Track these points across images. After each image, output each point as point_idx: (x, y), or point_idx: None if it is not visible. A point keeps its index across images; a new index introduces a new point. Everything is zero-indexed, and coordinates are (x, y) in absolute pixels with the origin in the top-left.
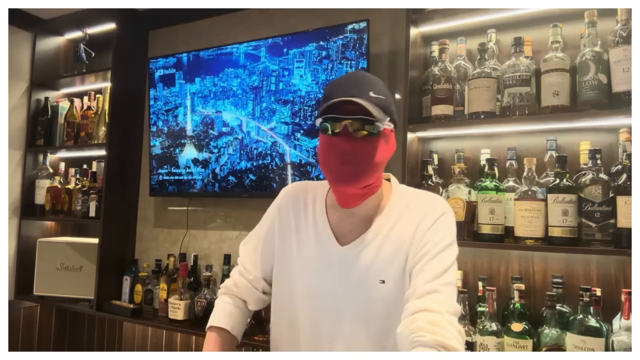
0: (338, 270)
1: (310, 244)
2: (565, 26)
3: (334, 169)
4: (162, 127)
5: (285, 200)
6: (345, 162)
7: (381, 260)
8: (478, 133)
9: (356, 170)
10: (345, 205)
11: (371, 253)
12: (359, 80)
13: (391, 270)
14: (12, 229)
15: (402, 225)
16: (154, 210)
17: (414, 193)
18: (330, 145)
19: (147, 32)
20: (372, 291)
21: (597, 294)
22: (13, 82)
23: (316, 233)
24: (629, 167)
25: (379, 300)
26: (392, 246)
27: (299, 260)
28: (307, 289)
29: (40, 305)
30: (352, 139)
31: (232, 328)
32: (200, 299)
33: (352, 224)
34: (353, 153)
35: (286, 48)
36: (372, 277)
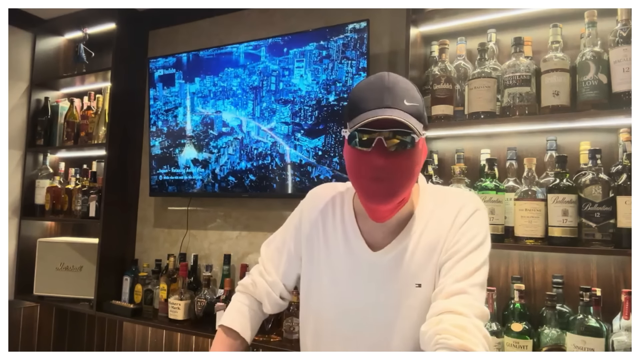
0: (371, 278)
1: (339, 250)
2: (565, 26)
3: (366, 186)
4: (161, 127)
5: (311, 203)
6: (379, 179)
7: (416, 264)
8: (478, 133)
9: (390, 187)
10: (378, 220)
11: (404, 257)
12: (392, 88)
13: (427, 273)
14: (12, 229)
15: (434, 225)
16: (154, 210)
17: (444, 191)
18: (362, 160)
19: (147, 32)
20: (410, 296)
21: (597, 294)
22: (13, 82)
23: (346, 240)
24: (629, 167)
25: (417, 305)
26: (425, 248)
27: (329, 269)
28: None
29: (40, 305)
30: (386, 154)
31: (242, 330)
32: (200, 299)
33: (384, 232)
34: (387, 170)
35: (286, 48)
36: (408, 281)
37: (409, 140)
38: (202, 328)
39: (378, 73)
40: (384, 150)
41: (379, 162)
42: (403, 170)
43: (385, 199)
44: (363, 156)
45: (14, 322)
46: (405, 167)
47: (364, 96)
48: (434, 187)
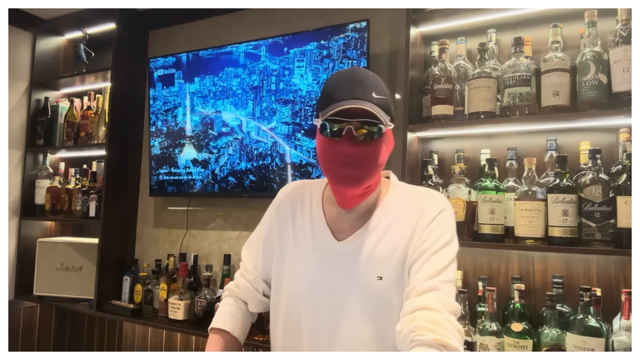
0: (335, 266)
1: (307, 241)
2: (565, 26)
3: (335, 171)
4: (161, 127)
5: (282, 199)
6: (348, 165)
7: (378, 256)
8: (478, 133)
9: (358, 174)
10: (345, 206)
11: (368, 248)
12: (362, 80)
13: (389, 267)
14: (12, 229)
15: (400, 221)
16: (154, 210)
17: (413, 189)
18: (332, 148)
19: (147, 32)
20: (370, 287)
21: (597, 294)
22: (13, 82)
23: (312, 230)
24: (629, 167)
25: (376, 296)
26: (390, 242)
27: (296, 258)
28: (305, 286)
29: (40, 305)
30: (355, 143)
31: (233, 329)
32: (200, 299)
33: (351, 220)
34: (356, 157)
35: (287, 47)
36: (370, 273)
37: (376, 130)
38: (202, 328)
39: (349, 67)
40: (353, 139)
41: (348, 150)
42: (370, 158)
43: (353, 184)
44: (333, 144)
45: (14, 322)
46: (371, 155)
47: (336, 88)
48: (405, 184)
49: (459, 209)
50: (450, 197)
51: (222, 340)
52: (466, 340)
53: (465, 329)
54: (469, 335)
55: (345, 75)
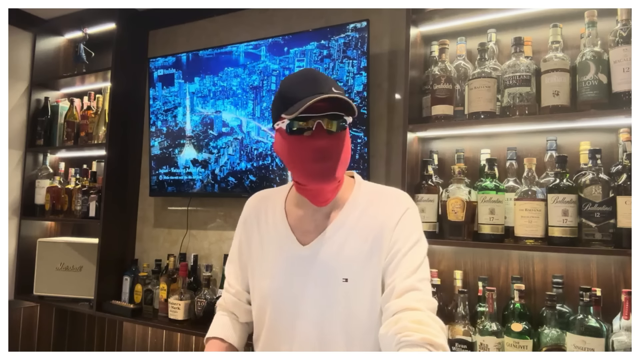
0: (300, 271)
1: (273, 248)
2: (565, 26)
3: (309, 167)
4: (161, 127)
5: (248, 212)
6: (322, 158)
7: (344, 258)
8: (478, 133)
9: (332, 165)
10: (321, 203)
11: (332, 250)
12: (317, 78)
13: (354, 268)
14: (12, 229)
15: (365, 221)
16: (154, 210)
17: (376, 188)
18: (304, 145)
19: (147, 32)
20: (336, 290)
21: (597, 294)
22: (13, 82)
23: (278, 236)
24: (629, 167)
25: (342, 299)
26: (355, 242)
27: (264, 266)
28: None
29: (40, 305)
30: (326, 136)
31: (227, 336)
32: (200, 299)
33: (317, 220)
34: (328, 149)
35: (287, 47)
36: (335, 275)
37: (344, 122)
38: (202, 328)
39: (302, 69)
40: (323, 132)
41: (320, 143)
42: (341, 149)
43: (328, 177)
44: (304, 141)
45: (14, 322)
46: (341, 146)
47: (296, 88)
48: (370, 184)
49: (458, 209)
50: (450, 197)
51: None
52: (466, 340)
53: (465, 329)
54: (469, 335)
55: (301, 75)
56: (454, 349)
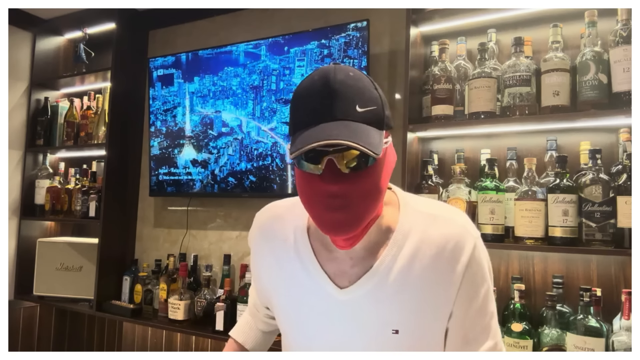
0: (339, 319)
1: (304, 288)
2: (565, 26)
3: (320, 215)
4: (160, 127)
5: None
6: (335, 208)
7: (394, 307)
8: (478, 133)
9: (350, 216)
10: (343, 248)
11: (380, 295)
12: (339, 90)
13: (408, 321)
14: (12, 229)
15: (421, 261)
16: (154, 210)
17: (428, 209)
18: (312, 186)
19: (147, 32)
20: (384, 343)
21: (597, 294)
22: (13, 82)
23: (307, 276)
24: (629, 167)
25: (389, 350)
26: (409, 289)
27: (293, 309)
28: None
29: (40, 305)
30: (340, 177)
31: (245, 341)
32: (200, 299)
33: (353, 258)
34: (343, 197)
35: (287, 46)
36: (383, 326)
37: (368, 159)
38: (202, 328)
39: (323, 68)
40: (336, 173)
41: (332, 188)
42: (363, 194)
43: (343, 230)
44: (313, 181)
45: (14, 322)
46: (365, 189)
47: (305, 104)
48: (416, 201)
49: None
50: (450, 197)
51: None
52: None
53: None
54: None
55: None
56: None
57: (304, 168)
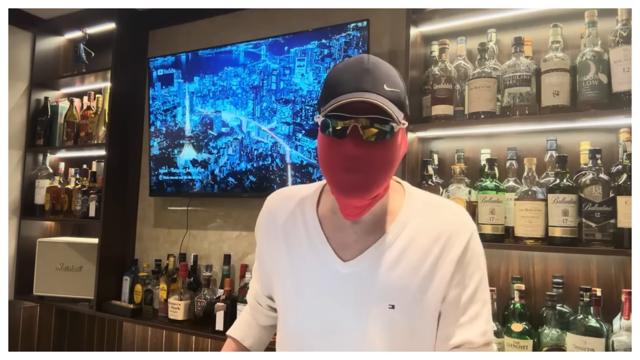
0: (339, 291)
1: (306, 261)
2: (565, 26)
3: (338, 177)
4: (160, 127)
5: (268, 215)
6: (353, 170)
7: (394, 282)
8: (478, 133)
9: (365, 180)
10: (349, 217)
11: (380, 271)
12: (372, 70)
13: (404, 295)
14: (12, 229)
15: (420, 242)
16: (154, 210)
17: (431, 200)
18: (335, 150)
19: (147, 32)
20: (379, 318)
21: (597, 294)
22: (13, 82)
23: (312, 248)
24: (629, 167)
25: (385, 328)
26: (407, 266)
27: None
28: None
29: (40, 305)
30: (362, 143)
31: (243, 338)
32: (200, 299)
33: (357, 233)
34: (363, 160)
35: (287, 46)
36: (381, 300)
37: (388, 129)
38: (202, 328)
39: (358, 55)
40: (359, 139)
41: (353, 151)
42: (379, 162)
43: (358, 193)
44: (336, 145)
45: (14, 322)
46: (382, 158)
47: (340, 79)
48: (422, 194)
49: None
50: (450, 197)
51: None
52: None
53: None
54: None
55: (352, 63)
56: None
57: (329, 131)
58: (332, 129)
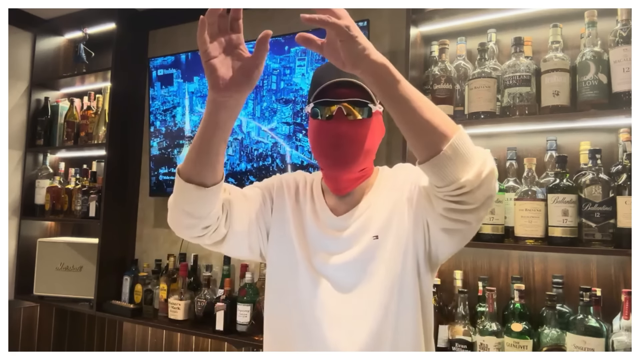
0: (333, 236)
1: (309, 222)
2: (565, 26)
3: (328, 153)
4: (159, 128)
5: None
6: (340, 145)
7: (374, 221)
8: (478, 133)
9: (351, 152)
10: (339, 192)
11: (363, 217)
12: None
13: (385, 228)
14: (12, 229)
15: (390, 190)
16: (154, 210)
17: (394, 169)
18: (324, 130)
19: (147, 32)
20: (367, 250)
21: (597, 294)
22: (13, 82)
23: (314, 212)
24: (629, 167)
25: (373, 257)
26: (383, 208)
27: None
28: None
29: (40, 305)
30: (346, 122)
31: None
32: (200, 299)
33: (347, 205)
34: (347, 136)
35: (287, 45)
36: (365, 234)
37: (367, 110)
38: (202, 328)
39: None
40: (343, 119)
41: (339, 129)
42: (361, 138)
43: (346, 164)
44: (325, 126)
45: (14, 322)
46: (362, 134)
47: (323, 73)
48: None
49: None
50: None
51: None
52: (466, 340)
53: (465, 329)
54: (469, 335)
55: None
56: (454, 349)
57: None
58: (320, 113)
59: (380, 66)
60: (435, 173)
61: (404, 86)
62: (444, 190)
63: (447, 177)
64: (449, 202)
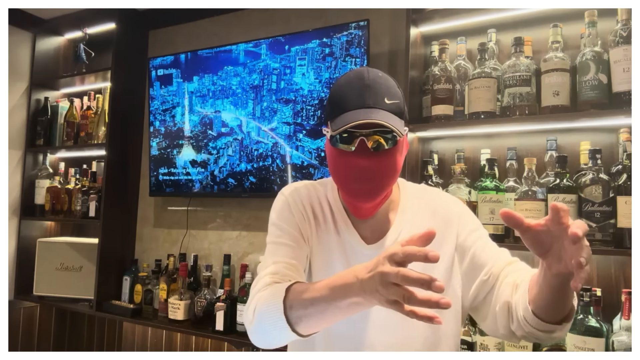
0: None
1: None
2: (565, 26)
3: (349, 186)
4: (159, 128)
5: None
6: (362, 179)
7: None
8: (478, 133)
9: (373, 186)
10: (361, 217)
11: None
12: (372, 86)
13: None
14: (12, 229)
15: (421, 219)
16: (154, 210)
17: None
18: (345, 161)
19: (147, 32)
20: None
21: (597, 294)
22: (13, 82)
23: (338, 234)
24: (629, 167)
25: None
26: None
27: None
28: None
29: (40, 305)
30: (369, 154)
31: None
32: (200, 299)
33: (372, 226)
34: (370, 170)
35: (288, 45)
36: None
37: (391, 138)
38: (202, 328)
39: (357, 69)
40: (366, 151)
41: (362, 162)
42: (386, 169)
43: (369, 198)
44: (346, 157)
45: (14, 322)
46: (387, 165)
47: (345, 95)
48: (410, 184)
49: None
50: None
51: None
52: (466, 340)
53: (465, 329)
54: (469, 335)
55: (353, 79)
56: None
57: (339, 146)
58: (340, 140)
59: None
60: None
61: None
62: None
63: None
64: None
